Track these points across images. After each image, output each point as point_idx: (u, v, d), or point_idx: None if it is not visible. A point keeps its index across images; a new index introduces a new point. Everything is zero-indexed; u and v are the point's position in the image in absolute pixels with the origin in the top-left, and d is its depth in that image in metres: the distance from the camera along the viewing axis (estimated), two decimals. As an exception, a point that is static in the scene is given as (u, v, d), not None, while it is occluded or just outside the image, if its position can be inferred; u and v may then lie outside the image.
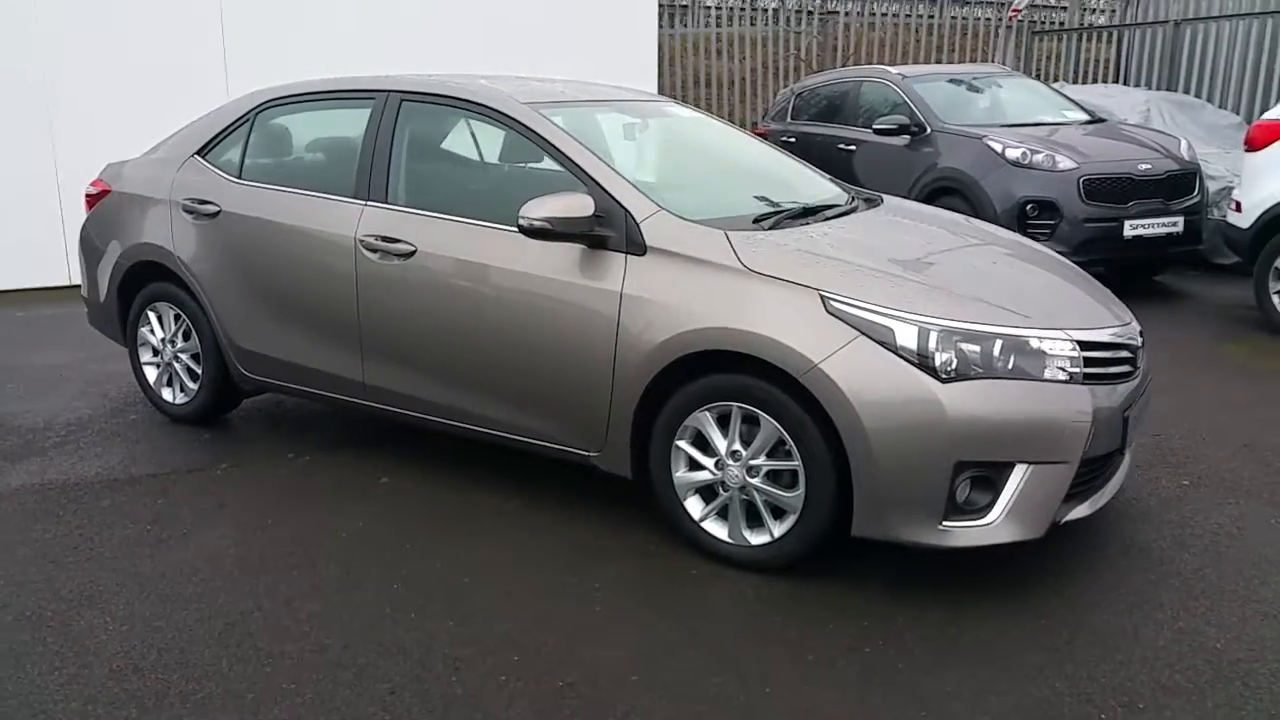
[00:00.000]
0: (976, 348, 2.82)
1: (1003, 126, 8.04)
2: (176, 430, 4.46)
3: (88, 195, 4.81)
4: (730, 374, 3.03)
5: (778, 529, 3.06)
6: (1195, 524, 3.45)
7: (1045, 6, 14.73)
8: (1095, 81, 13.00)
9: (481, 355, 3.52)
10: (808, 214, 3.60)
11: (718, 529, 3.18)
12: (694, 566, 3.16)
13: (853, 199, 3.96)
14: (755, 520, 3.12)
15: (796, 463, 2.97)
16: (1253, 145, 6.56)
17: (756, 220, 3.42)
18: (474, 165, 4.00)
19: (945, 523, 2.84)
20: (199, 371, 4.43)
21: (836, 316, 2.88)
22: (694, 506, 3.22)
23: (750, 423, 3.05)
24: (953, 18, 14.16)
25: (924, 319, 2.83)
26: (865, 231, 3.53)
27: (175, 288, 4.38)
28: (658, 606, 2.94)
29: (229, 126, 4.31)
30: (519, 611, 2.91)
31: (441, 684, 2.56)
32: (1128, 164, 7.52)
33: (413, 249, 3.62)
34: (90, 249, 4.76)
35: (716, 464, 3.12)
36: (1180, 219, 7.39)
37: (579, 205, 3.20)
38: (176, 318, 4.45)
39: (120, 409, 4.80)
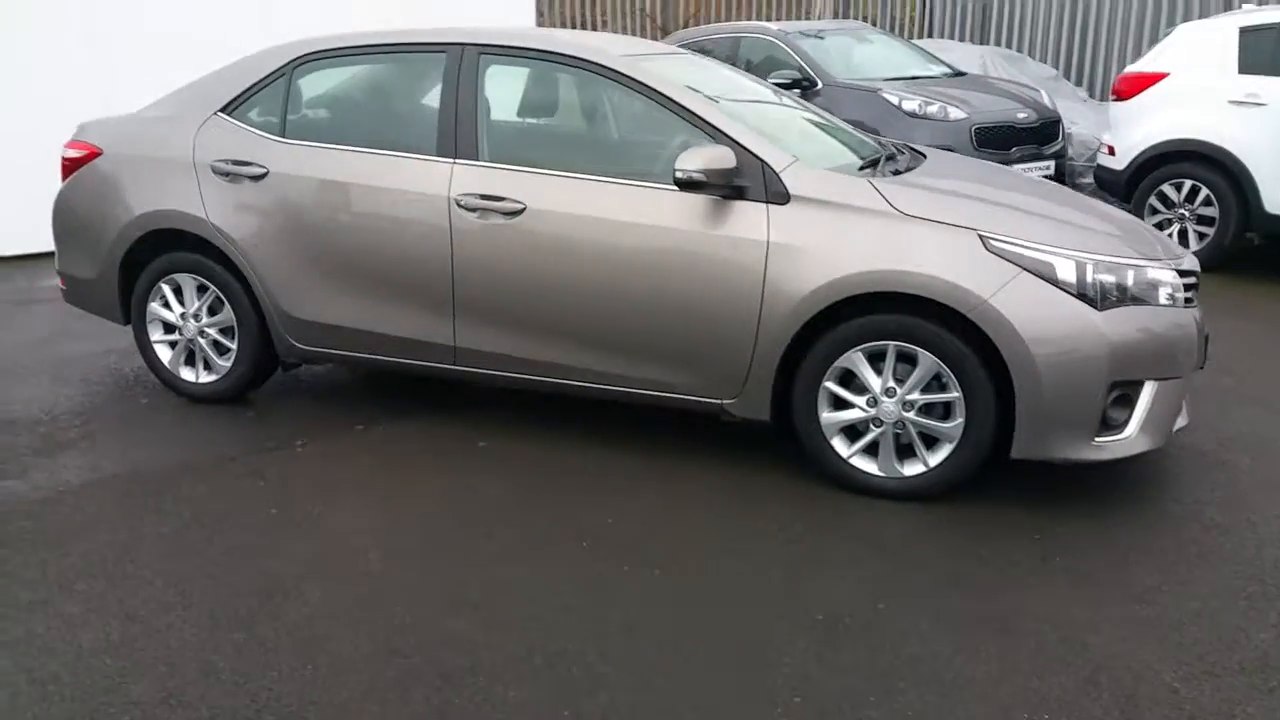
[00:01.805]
0: (1115, 278, 3.14)
1: (885, 80, 8.56)
2: (211, 412, 4.14)
3: (66, 159, 4.30)
4: (889, 314, 3.21)
5: (933, 459, 3.29)
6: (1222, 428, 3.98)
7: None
8: (907, 35, 13.94)
9: (603, 310, 3.51)
10: (888, 161, 3.81)
11: (866, 464, 3.37)
12: (851, 501, 3.34)
13: (897, 146, 4.20)
14: (903, 453, 3.34)
15: (955, 394, 3.20)
16: (1120, 95, 7.37)
17: (861, 168, 3.59)
18: (574, 120, 3.92)
19: (1097, 439, 3.16)
20: (231, 346, 4.11)
21: (997, 254, 3.12)
22: (839, 445, 3.39)
23: (904, 360, 3.24)
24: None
25: (1079, 254, 3.12)
26: (968, 176, 3.76)
27: (202, 257, 4.03)
28: (858, 539, 3.11)
29: (260, 82, 3.99)
30: (730, 553, 2.99)
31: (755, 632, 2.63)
32: (1008, 113, 8.25)
33: (521, 206, 3.53)
34: (73, 219, 4.27)
35: (868, 401, 3.30)
36: (1051, 162, 8.23)
37: (724, 157, 3.26)
38: (200, 289, 4.09)
39: (121, 394, 4.37)
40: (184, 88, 4.24)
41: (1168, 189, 6.92)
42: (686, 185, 3.26)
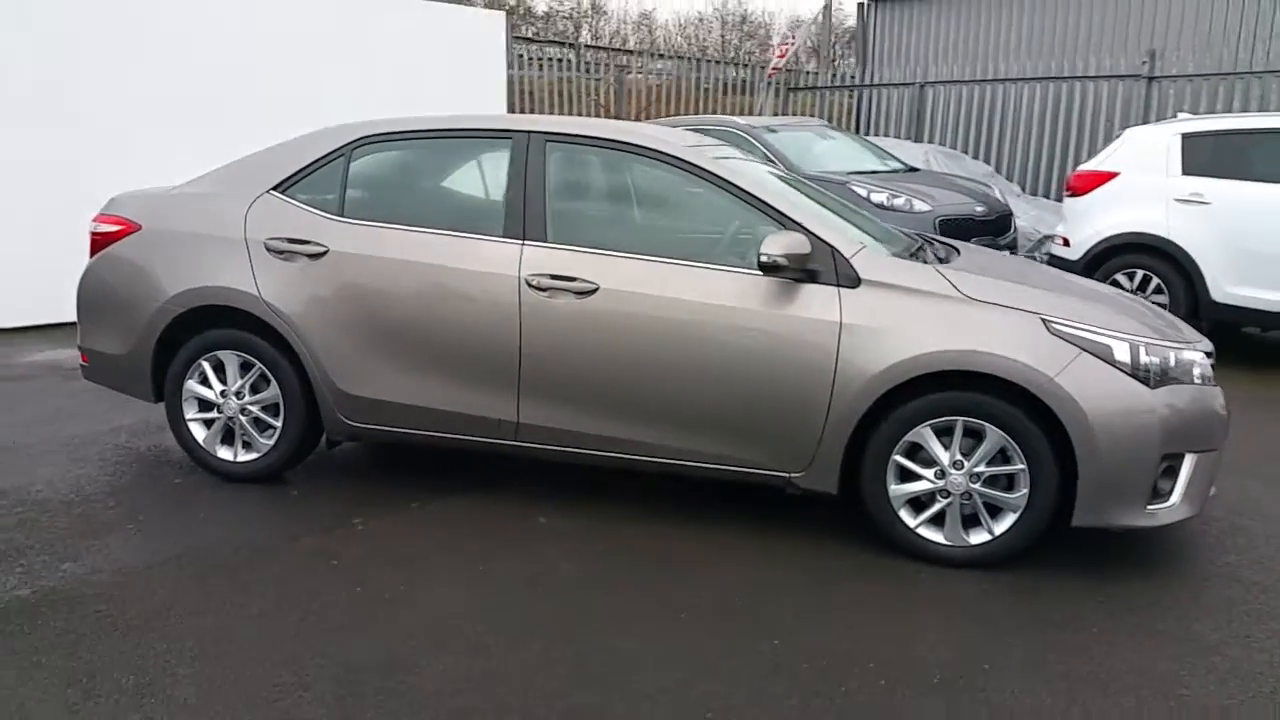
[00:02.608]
0: (1161, 359, 3.40)
1: (848, 173, 9.01)
2: (251, 492, 4.05)
3: (98, 234, 4.24)
4: (959, 391, 3.39)
5: (998, 527, 3.45)
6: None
7: (791, 70, 16.33)
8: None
9: (674, 387, 3.61)
10: (926, 250, 4.05)
11: (932, 534, 3.52)
12: (918, 570, 3.47)
13: (925, 237, 4.46)
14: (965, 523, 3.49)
15: (1020, 466, 3.38)
16: (1075, 191, 7.93)
17: (910, 254, 3.81)
18: (637, 206, 4.05)
19: (1149, 507, 3.38)
20: (273, 424, 4.06)
21: (1059, 336, 3.35)
22: (906, 515, 3.53)
23: (969, 435, 3.42)
24: (717, 77, 15.36)
25: (1133, 337, 3.37)
26: (1006, 266, 4.02)
27: (249, 334, 4.00)
28: (938, 606, 3.22)
29: (316, 162, 4.03)
30: (828, 621, 3.07)
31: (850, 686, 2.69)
32: (968, 206, 8.77)
33: (594, 286, 3.64)
34: (104, 294, 4.20)
35: (936, 473, 3.46)
36: (1005, 253, 8.72)
37: (800, 243, 3.44)
38: (244, 366, 4.05)
39: (148, 474, 4.25)
40: (227, 166, 4.25)
41: (1121, 278, 7.40)
42: (769, 269, 3.42)
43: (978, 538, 3.48)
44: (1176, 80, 11.16)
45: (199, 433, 4.16)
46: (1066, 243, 7.88)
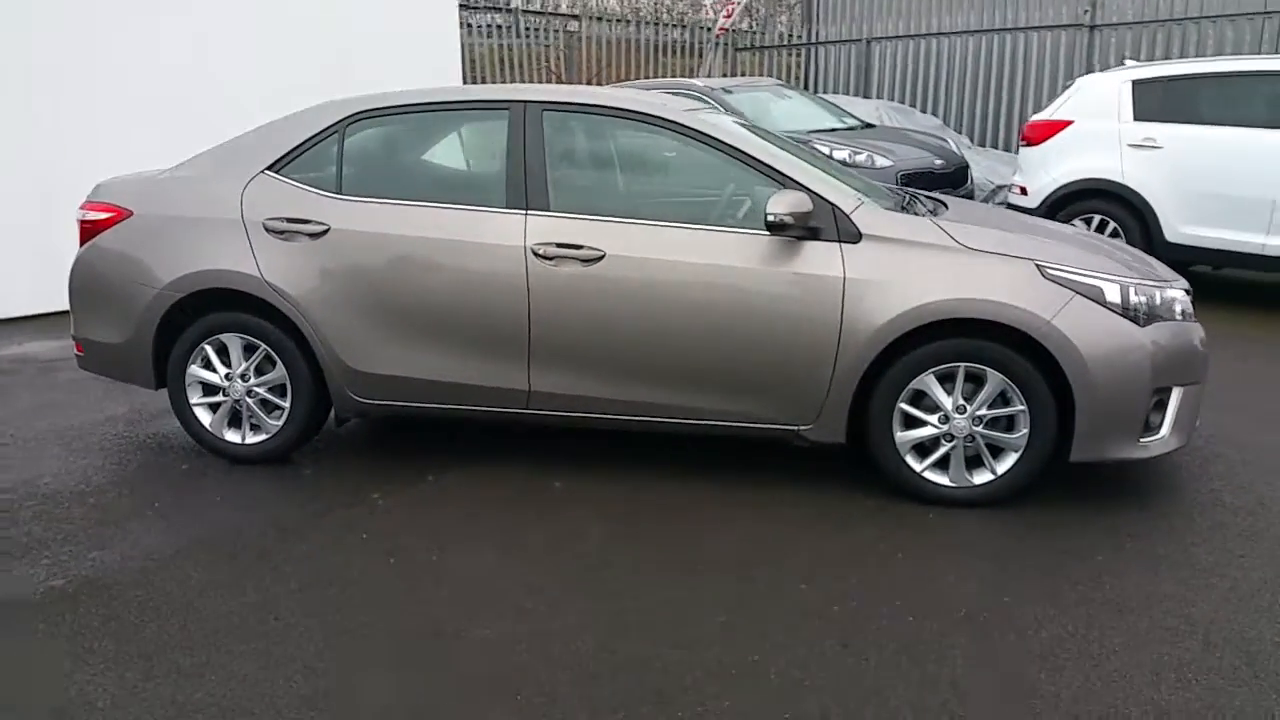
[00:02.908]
0: (1147, 298, 3.57)
1: (809, 132, 9.12)
2: (261, 473, 4.06)
3: (87, 221, 4.18)
4: (961, 339, 3.53)
5: (1000, 467, 3.61)
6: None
7: (737, 30, 16.36)
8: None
9: (683, 348, 3.70)
10: (915, 203, 4.17)
11: (938, 477, 3.67)
12: (925, 512, 3.62)
13: (909, 192, 4.58)
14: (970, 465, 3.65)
15: (1020, 407, 3.54)
16: (1030, 141, 8.13)
17: (902, 209, 3.93)
18: (637, 172, 4.10)
19: (1141, 439, 3.56)
20: (282, 405, 4.07)
21: (1053, 281, 3.50)
22: (912, 461, 3.67)
23: (970, 379, 3.57)
24: (662, 39, 15.33)
25: (1121, 279, 3.54)
26: (992, 215, 4.15)
27: (252, 316, 4.00)
28: (953, 547, 3.38)
29: (310, 140, 4.01)
30: (849, 566, 3.21)
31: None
32: (927, 160, 8.94)
33: (600, 254, 3.70)
34: (98, 283, 4.15)
35: (940, 418, 3.61)
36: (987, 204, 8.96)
37: (803, 201, 3.53)
38: (248, 349, 4.05)
39: (153, 461, 4.24)
40: (217, 148, 4.22)
41: (1078, 223, 7.62)
42: (775, 227, 3.51)
43: (981, 478, 3.64)
44: (1118, 28, 11.43)
45: (204, 417, 4.15)
46: (1024, 191, 8.07)
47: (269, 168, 4.03)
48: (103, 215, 4.15)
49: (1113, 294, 3.51)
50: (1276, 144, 6.83)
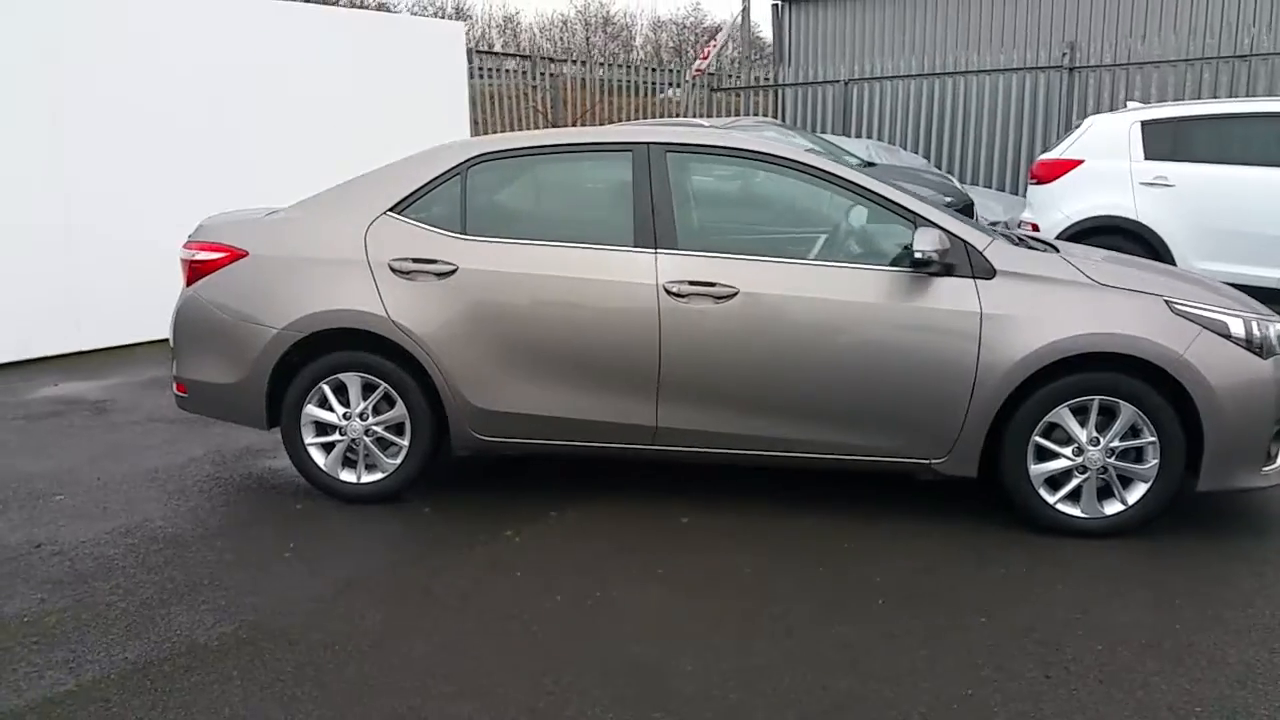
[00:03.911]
0: (1264, 332, 3.73)
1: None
2: (379, 513, 4.01)
3: (198, 262, 4.11)
4: (1094, 373, 3.64)
5: (1130, 497, 3.73)
6: None
7: (713, 72, 16.67)
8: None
9: (817, 384, 3.76)
10: (1022, 240, 4.31)
11: (1069, 508, 3.76)
12: (1062, 542, 3.71)
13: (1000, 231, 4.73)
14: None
15: (1151, 439, 3.66)
16: (1041, 179, 8.43)
17: (1021, 245, 4.05)
18: (763, 209, 4.17)
19: (1263, 469, 3.71)
20: (400, 444, 4.03)
21: (1181, 316, 3.64)
22: (1045, 493, 3.77)
23: (1102, 412, 3.68)
24: (646, 80, 15.57)
25: (1244, 314, 3.70)
26: (1095, 253, 4.29)
27: (374, 355, 3.96)
28: (1099, 577, 3.47)
29: (431, 182, 4.01)
30: (1005, 601, 3.28)
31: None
32: (937, 197, 9.17)
33: (734, 291, 3.76)
34: (210, 323, 4.08)
35: (1074, 450, 3.71)
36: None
37: (944, 238, 3.63)
38: (367, 388, 4.01)
39: (264, 502, 4.16)
40: (331, 191, 4.20)
41: (1094, 259, 7.91)
42: (922, 264, 3.61)
43: (1112, 509, 3.75)
44: (1096, 70, 11.91)
45: (318, 457, 4.09)
46: (1035, 228, 8.32)
47: (391, 209, 4.01)
48: (215, 255, 4.09)
49: (1237, 328, 3.67)
50: (1285, 183, 7.19)
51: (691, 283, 3.78)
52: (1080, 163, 8.14)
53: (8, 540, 3.76)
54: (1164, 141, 7.77)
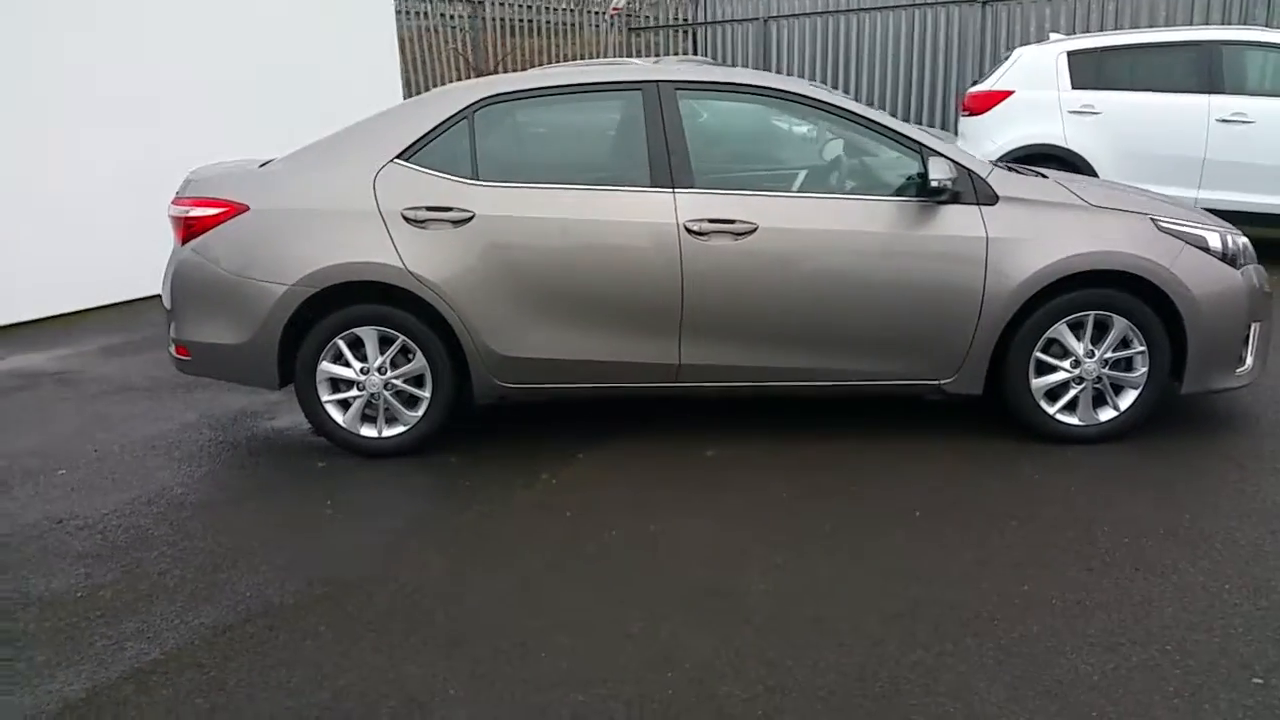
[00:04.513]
0: (1235, 246, 4.02)
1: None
2: (406, 465, 4.02)
3: (193, 218, 3.99)
4: (1090, 289, 3.87)
5: (1122, 404, 4.00)
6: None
7: (623, 12, 16.52)
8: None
9: (836, 314, 3.90)
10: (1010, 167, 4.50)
11: (1068, 417, 4.02)
12: (1065, 450, 3.97)
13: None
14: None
15: (1140, 349, 3.93)
16: (972, 111, 8.72)
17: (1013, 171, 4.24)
18: (775, 145, 4.24)
19: (1236, 370, 4.03)
20: (422, 395, 4.03)
21: (1166, 233, 3.90)
22: (1045, 405, 4.01)
23: (1096, 326, 3.93)
24: (566, 20, 15.34)
25: (1218, 229, 3.97)
26: (1080, 177, 4.51)
27: (390, 308, 3.94)
28: (1107, 480, 3.74)
29: (438, 127, 3.96)
30: (1041, 504, 3.51)
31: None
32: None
33: (753, 227, 3.85)
34: (212, 282, 3.97)
35: (1072, 363, 3.96)
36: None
37: (953, 167, 3.79)
38: (385, 341, 3.98)
39: (283, 463, 4.11)
40: (330, 139, 4.10)
41: (1027, 186, 8.25)
42: (937, 192, 3.76)
43: (1106, 415, 4.02)
44: (1009, 4, 12.27)
45: (335, 413, 4.05)
46: (969, 159, 8.63)
47: (399, 156, 3.95)
48: (212, 211, 3.97)
49: (1215, 242, 3.94)
50: (1202, 107, 7.62)
51: (711, 220, 3.85)
52: (1011, 94, 8.43)
53: (25, 518, 3.65)
54: (1089, 71, 8.11)
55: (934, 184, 3.74)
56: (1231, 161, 7.57)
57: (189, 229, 4.00)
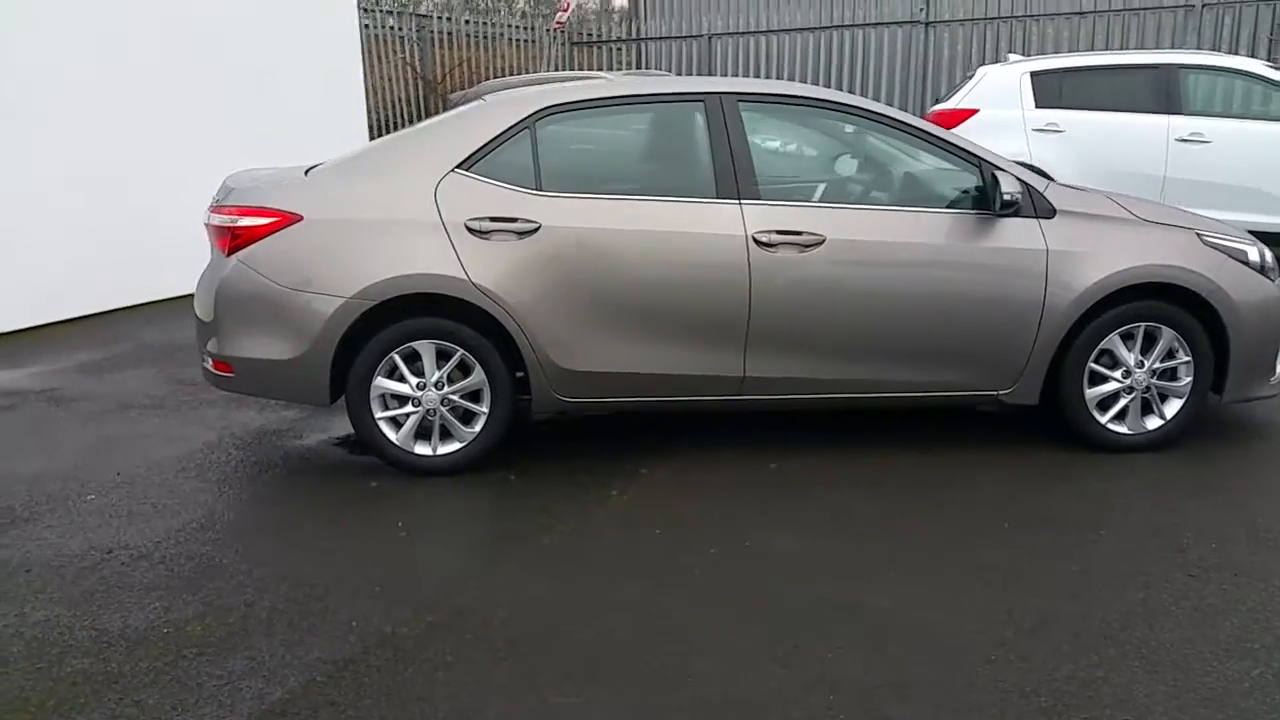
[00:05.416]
0: (1268, 259, 4.21)
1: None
2: (463, 484, 3.87)
3: (242, 228, 3.78)
4: (1141, 301, 3.99)
5: (1168, 412, 4.13)
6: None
7: (572, 26, 16.44)
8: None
9: (900, 325, 3.92)
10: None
11: (1118, 426, 4.12)
12: (1115, 459, 4.08)
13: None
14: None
15: (1186, 359, 4.06)
16: (938, 130, 8.94)
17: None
18: (839, 157, 4.23)
19: (1271, 379, 4.20)
20: (479, 411, 3.90)
21: (1210, 246, 4.04)
22: (1097, 414, 4.11)
23: (1146, 338, 4.05)
24: (512, 34, 15.19)
25: (1255, 244, 4.14)
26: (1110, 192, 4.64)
27: (451, 322, 3.80)
28: (1182, 488, 3.84)
29: (499, 137, 3.85)
30: (1116, 511, 3.59)
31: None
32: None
33: (821, 238, 3.85)
34: (262, 295, 3.77)
35: (1123, 374, 4.07)
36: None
37: (1016, 183, 3.86)
38: (440, 356, 3.84)
39: (333, 483, 3.92)
40: (380, 146, 3.98)
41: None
42: (1008, 205, 3.81)
43: (1153, 424, 4.13)
44: (950, 25, 12.65)
45: (389, 430, 3.89)
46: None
47: (459, 166, 3.82)
48: (264, 221, 3.76)
49: (1254, 255, 4.11)
50: (1162, 127, 7.98)
51: (780, 232, 3.83)
52: (975, 112, 8.67)
53: (68, 548, 3.38)
54: (1052, 91, 8.41)
55: (1006, 197, 3.80)
56: (1190, 180, 7.93)
57: (235, 239, 3.79)
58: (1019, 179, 3.94)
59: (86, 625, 2.87)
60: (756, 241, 3.82)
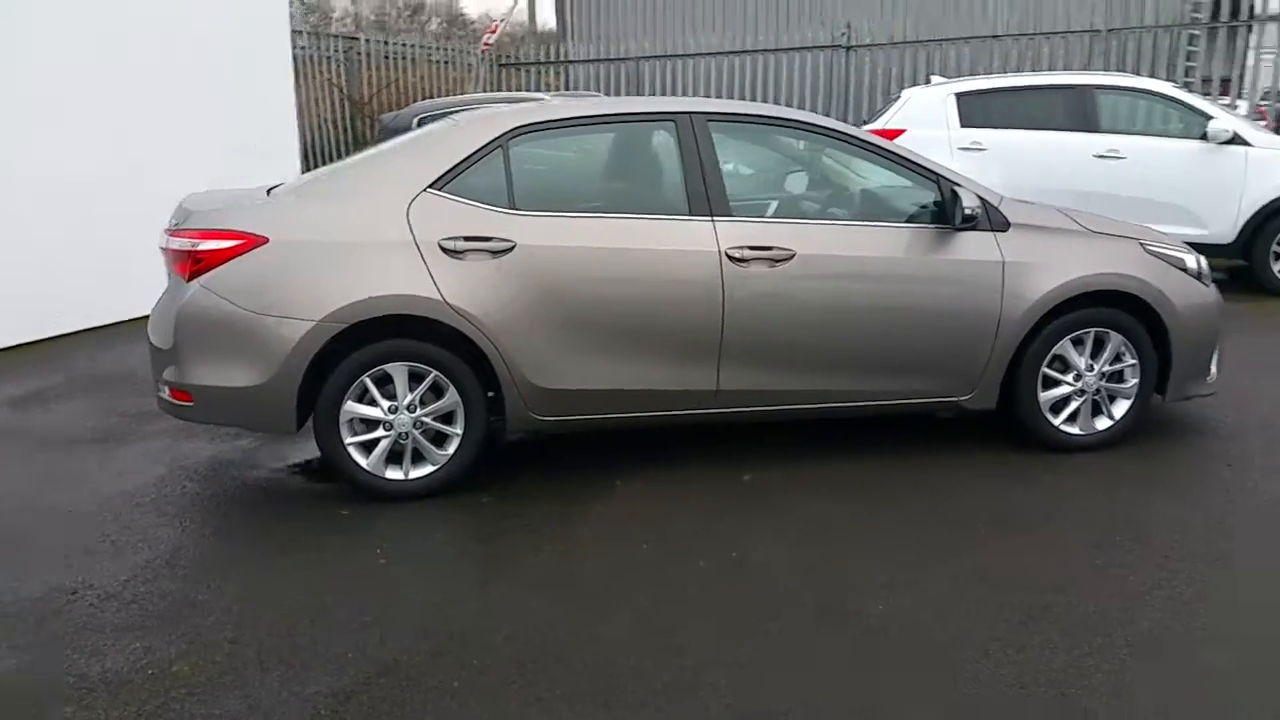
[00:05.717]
0: (1203, 266, 4.43)
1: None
2: (436, 508, 3.80)
3: (204, 252, 3.67)
4: (1091, 308, 4.16)
5: (1116, 413, 4.30)
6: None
7: (493, 49, 16.44)
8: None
9: (868, 337, 4.02)
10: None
11: (1070, 428, 4.28)
12: (1064, 459, 4.23)
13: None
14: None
15: (1132, 362, 4.24)
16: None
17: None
18: (808, 175, 4.30)
19: (1207, 379, 4.42)
20: (454, 433, 3.85)
21: (1152, 255, 4.25)
22: (1050, 416, 4.26)
23: (1095, 343, 4.22)
24: (439, 55, 15.12)
25: (1192, 253, 4.36)
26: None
27: (422, 343, 3.75)
28: (1120, 482, 4.00)
29: (471, 156, 3.83)
30: (1076, 507, 3.72)
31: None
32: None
33: (790, 253, 3.92)
34: (227, 320, 3.67)
35: (1074, 377, 4.23)
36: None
37: (975, 198, 4.00)
38: (414, 377, 3.79)
39: (301, 512, 3.83)
40: (349, 167, 3.93)
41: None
42: (969, 219, 3.94)
43: (1102, 424, 4.30)
44: (871, 49, 13.02)
45: (358, 456, 3.81)
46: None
47: (431, 186, 3.79)
48: (226, 244, 3.67)
49: (1191, 263, 4.33)
50: (1082, 144, 8.35)
51: (752, 248, 3.89)
52: (903, 132, 8.91)
53: (27, 591, 3.22)
54: (977, 111, 8.72)
55: (967, 211, 3.93)
56: (1107, 194, 8.28)
57: (197, 263, 3.68)
58: (976, 194, 4.08)
59: (62, 671, 2.74)
60: (729, 257, 3.87)
